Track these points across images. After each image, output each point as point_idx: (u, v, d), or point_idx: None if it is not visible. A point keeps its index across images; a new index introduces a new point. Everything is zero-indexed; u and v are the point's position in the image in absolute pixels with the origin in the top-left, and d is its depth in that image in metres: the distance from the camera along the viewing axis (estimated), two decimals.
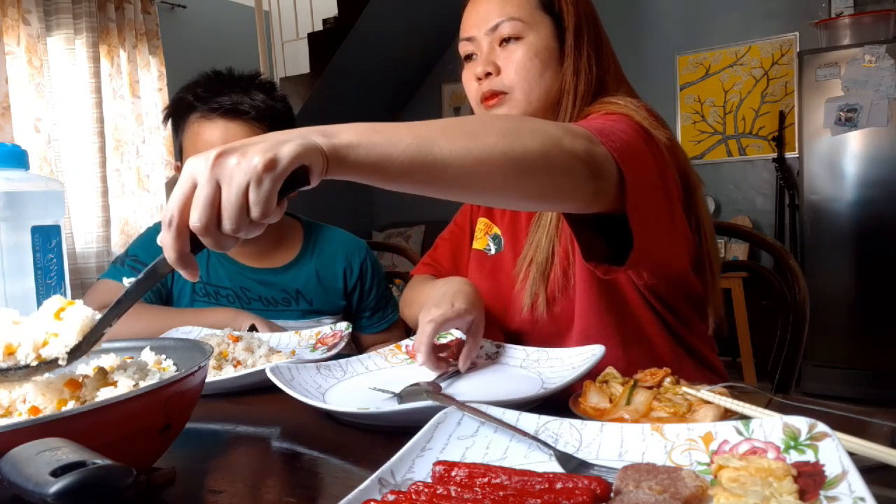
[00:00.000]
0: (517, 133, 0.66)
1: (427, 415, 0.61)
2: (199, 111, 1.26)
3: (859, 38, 3.37)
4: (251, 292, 1.36)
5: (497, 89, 1.02)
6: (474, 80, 1.04)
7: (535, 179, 0.68)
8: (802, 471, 0.48)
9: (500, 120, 0.72)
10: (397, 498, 0.47)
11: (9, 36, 3.47)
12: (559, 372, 0.86)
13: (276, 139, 0.55)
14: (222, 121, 1.25)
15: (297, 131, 0.58)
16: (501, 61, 1.02)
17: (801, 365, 1.21)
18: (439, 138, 0.62)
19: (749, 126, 4.17)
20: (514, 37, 1.01)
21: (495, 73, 1.01)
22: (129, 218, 4.10)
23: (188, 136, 1.28)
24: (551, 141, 0.68)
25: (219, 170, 0.53)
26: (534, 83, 1.01)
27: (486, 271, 1.14)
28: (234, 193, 0.53)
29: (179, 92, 1.32)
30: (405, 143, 0.60)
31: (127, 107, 4.09)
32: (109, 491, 0.40)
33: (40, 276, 0.91)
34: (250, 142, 0.55)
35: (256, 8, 4.55)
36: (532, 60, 1.00)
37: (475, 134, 0.64)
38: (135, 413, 0.52)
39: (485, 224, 1.19)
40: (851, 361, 3.36)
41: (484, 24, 1.02)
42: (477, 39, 1.04)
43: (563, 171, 0.69)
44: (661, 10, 4.37)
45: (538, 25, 1.01)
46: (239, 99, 1.26)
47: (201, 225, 0.53)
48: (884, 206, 3.29)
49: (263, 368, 0.87)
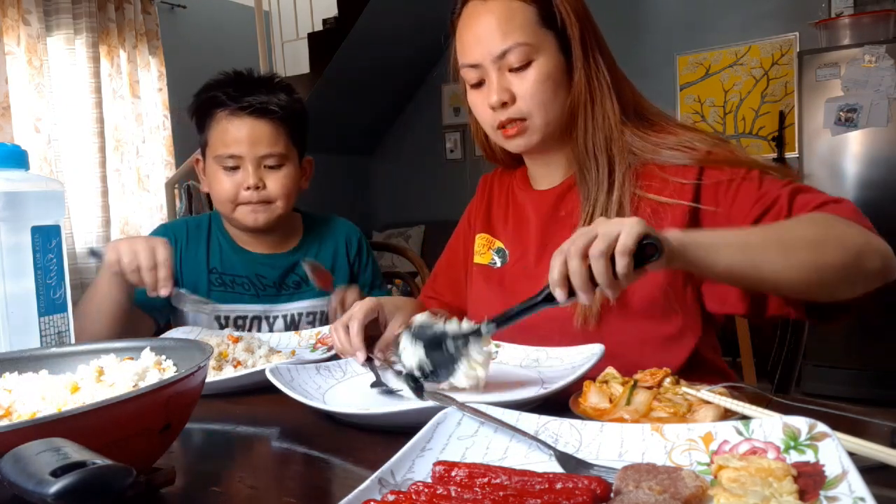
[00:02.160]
0: (825, 246, 0.79)
1: (427, 415, 0.61)
2: (227, 108, 1.31)
3: (859, 38, 3.37)
4: (266, 279, 1.39)
5: (515, 117, 1.00)
6: (488, 108, 1.02)
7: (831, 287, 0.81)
8: (802, 471, 0.48)
9: (811, 228, 0.82)
10: (397, 498, 0.47)
11: (9, 36, 3.47)
12: (559, 372, 0.86)
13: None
14: (250, 119, 1.30)
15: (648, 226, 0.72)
16: (515, 88, 0.99)
17: (801, 365, 1.21)
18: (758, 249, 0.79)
19: (749, 126, 4.17)
20: (524, 63, 0.98)
21: (511, 102, 0.99)
22: (130, 218, 4.10)
23: (216, 132, 1.32)
24: (852, 257, 0.80)
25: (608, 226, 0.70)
26: (549, 105, 0.99)
27: (494, 284, 1.13)
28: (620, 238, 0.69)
29: (203, 90, 1.37)
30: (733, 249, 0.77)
31: (127, 107, 4.09)
32: (109, 491, 0.40)
33: (40, 276, 0.91)
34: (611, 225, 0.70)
35: (256, 8, 4.55)
36: (545, 83, 0.98)
37: (791, 247, 0.79)
38: (135, 413, 0.52)
39: (486, 239, 1.18)
40: (851, 361, 3.36)
41: (489, 50, 0.99)
42: (483, 67, 1.01)
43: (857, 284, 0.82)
44: (661, 11, 4.37)
45: (544, 45, 0.99)
46: (266, 99, 1.31)
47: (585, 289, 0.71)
48: (884, 206, 3.29)
49: (263, 369, 0.87)
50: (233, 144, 1.29)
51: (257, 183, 1.29)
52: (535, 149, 1.04)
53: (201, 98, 1.36)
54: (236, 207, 1.32)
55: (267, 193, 1.31)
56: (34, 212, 0.91)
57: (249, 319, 1.37)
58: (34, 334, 0.91)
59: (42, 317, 0.92)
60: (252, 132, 1.29)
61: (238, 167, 1.30)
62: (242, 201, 1.31)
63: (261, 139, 1.29)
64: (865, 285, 0.83)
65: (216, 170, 1.32)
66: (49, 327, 0.92)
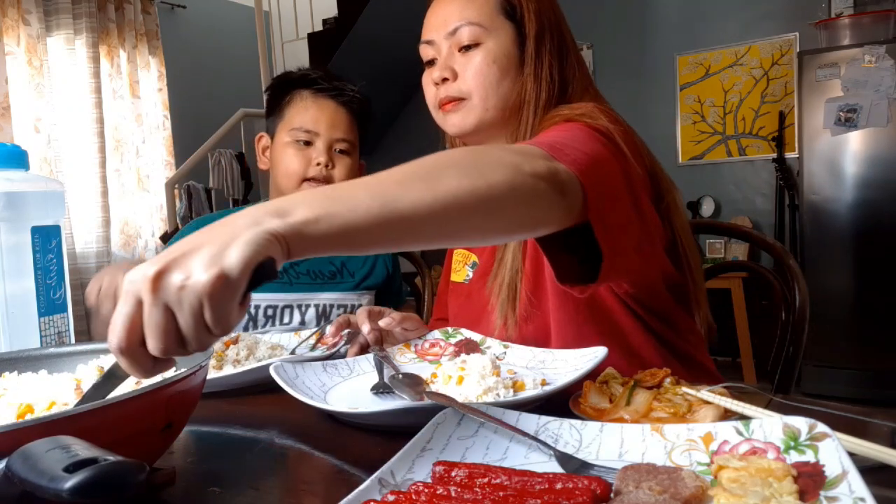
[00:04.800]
0: (476, 168, 0.62)
1: (427, 415, 0.61)
2: (312, 89, 1.38)
3: (859, 38, 3.37)
4: (299, 266, 1.43)
5: (454, 95, 1.00)
6: (432, 85, 1.03)
7: (506, 213, 0.64)
8: (802, 471, 0.48)
9: (454, 158, 0.66)
10: (397, 498, 0.47)
11: (9, 36, 3.47)
12: (561, 373, 0.86)
13: (221, 240, 0.48)
14: (333, 103, 1.38)
15: (245, 216, 0.51)
16: (459, 66, 1.00)
17: (801, 365, 1.21)
18: (398, 191, 0.57)
19: (749, 126, 4.17)
20: (473, 42, 0.99)
21: (452, 79, 1.00)
22: (129, 218, 4.10)
23: (297, 108, 1.38)
24: (513, 169, 0.64)
25: (164, 293, 0.47)
26: (491, 89, 0.99)
27: (462, 299, 1.13)
28: (189, 318, 0.47)
29: (285, 75, 1.44)
30: (365, 204, 0.55)
31: (127, 107, 4.09)
32: (123, 486, 0.40)
33: (40, 276, 0.91)
34: (190, 250, 0.48)
35: (256, 8, 4.55)
36: (490, 66, 0.99)
37: (434, 178, 0.59)
38: (138, 412, 0.52)
39: (462, 255, 1.18)
40: (851, 361, 3.36)
41: (443, 27, 1.01)
42: (436, 43, 1.02)
43: (532, 197, 0.66)
44: (661, 11, 4.37)
45: (498, 31, 0.99)
46: (351, 90, 1.40)
47: (163, 351, 0.48)
48: (884, 206, 3.29)
49: (268, 364, 0.87)
50: (312, 122, 1.36)
51: (328, 162, 1.36)
52: (470, 132, 1.03)
53: (286, 77, 1.43)
54: (302, 183, 1.37)
55: (332, 174, 1.37)
56: (34, 212, 0.91)
57: (280, 309, 1.39)
58: (34, 334, 0.91)
59: (42, 317, 0.92)
60: (333, 115, 1.37)
61: (310, 144, 1.36)
62: (309, 176, 1.36)
63: (339, 124, 1.38)
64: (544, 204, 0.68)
65: (286, 145, 1.37)
66: (49, 327, 0.92)
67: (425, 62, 1.05)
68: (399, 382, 0.85)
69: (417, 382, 0.85)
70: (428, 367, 0.94)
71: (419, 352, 1.02)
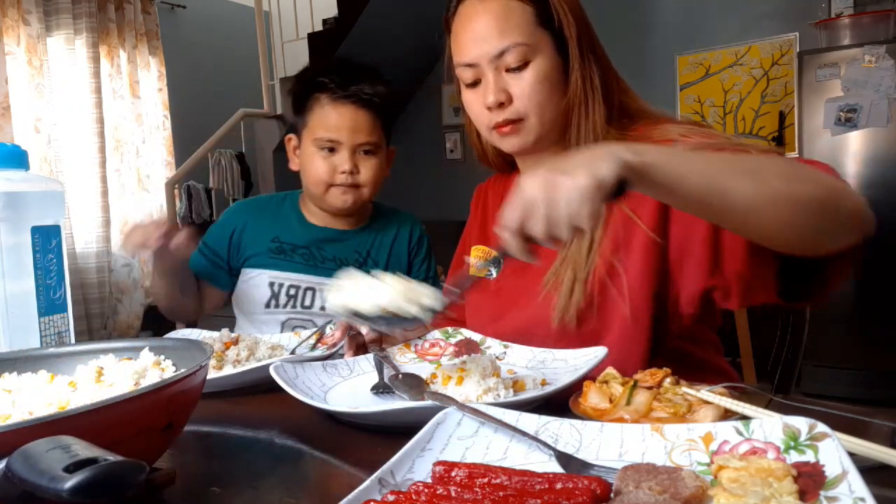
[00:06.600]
0: (797, 178, 0.73)
1: (427, 415, 0.61)
2: (332, 94, 1.38)
3: (859, 38, 3.37)
4: (325, 251, 1.46)
5: (511, 118, 0.99)
6: (482, 108, 1.01)
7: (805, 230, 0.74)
8: (802, 471, 0.48)
9: (773, 163, 0.76)
10: (397, 498, 0.47)
11: (9, 36, 3.47)
12: (561, 373, 0.86)
13: (594, 157, 0.65)
14: (353, 107, 1.38)
15: (604, 148, 0.67)
16: (512, 89, 0.98)
17: (801, 365, 1.21)
18: (728, 176, 0.70)
19: (749, 126, 4.17)
20: (521, 63, 0.97)
21: (507, 102, 0.99)
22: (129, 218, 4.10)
23: (318, 116, 1.40)
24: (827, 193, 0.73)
25: (554, 192, 0.64)
26: (546, 106, 0.99)
27: (490, 293, 1.11)
28: (565, 211, 0.64)
29: (305, 72, 1.46)
30: (699, 172, 0.68)
31: (127, 107, 4.09)
32: (124, 486, 0.40)
33: (40, 276, 0.91)
34: (574, 164, 0.65)
35: (256, 8, 4.55)
36: (542, 84, 0.98)
37: (758, 174, 0.71)
38: (138, 412, 0.52)
39: (482, 251, 1.17)
40: (851, 361, 3.36)
41: (486, 50, 0.98)
42: (480, 66, 1.00)
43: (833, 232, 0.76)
44: (661, 11, 4.37)
45: (541, 45, 0.98)
46: (370, 90, 1.39)
47: (545, 236, 0.65)
48: (884, 206, 3.29)
49: (268, 364, 0.87)
50: (334, 130, 1.37)
51: (352, 168, 1.38)
52: (528, 149, 1.04)
53: (304, 80, 1.43)
54: (329, 189, 1.39)
55: (358, 178, 1.39)
56: (34, 212, 0.91)
57: (303, 290, 1.42)
58: (34, 334, 0.91)
59: (42, 317, 0.92)
60: (354, 120, 1.37)
61: (334, 150, 1.37)
62: (336, 183, 1.38)
63: (361, 128, 1.38)
64: (841, 235, 0.77)
65: (313, 152, 1.39)
66: (49, 327, 0.92)
67: (466, 84, 1.03)
68: (399, 382, 0.85)
69: (417, 382, 0.85)
70: (428, 367, 0.94)
71: (419, 352, 1.02)
